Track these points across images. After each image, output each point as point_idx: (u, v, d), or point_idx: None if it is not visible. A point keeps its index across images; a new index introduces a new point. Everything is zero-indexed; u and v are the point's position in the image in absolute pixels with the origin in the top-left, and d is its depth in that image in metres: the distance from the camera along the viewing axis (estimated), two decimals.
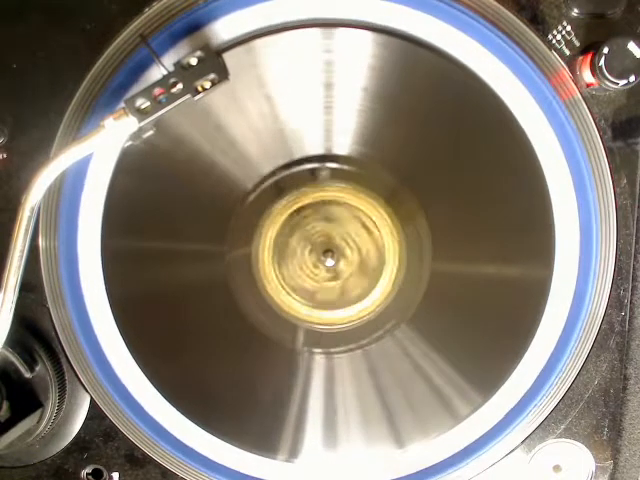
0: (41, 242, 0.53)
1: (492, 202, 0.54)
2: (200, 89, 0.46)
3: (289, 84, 0.52)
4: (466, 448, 0.56)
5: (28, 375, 0.52)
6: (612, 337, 0.54)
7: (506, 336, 0.55)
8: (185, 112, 0.49)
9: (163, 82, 0.45)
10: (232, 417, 0.55)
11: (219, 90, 0.48)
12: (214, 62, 0.46)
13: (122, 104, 0.46)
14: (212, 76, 0.45)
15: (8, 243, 0.47)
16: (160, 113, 0.46)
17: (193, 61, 0.46)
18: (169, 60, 0.49)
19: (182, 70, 0.46)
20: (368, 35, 0.52)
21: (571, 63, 0.52)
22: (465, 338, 0.55)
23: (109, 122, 0.45)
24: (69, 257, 0.53)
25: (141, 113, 0.45)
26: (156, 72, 0.49)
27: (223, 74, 0.46)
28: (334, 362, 0.55)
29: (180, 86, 0.46)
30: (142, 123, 0.45)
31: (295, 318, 0.56)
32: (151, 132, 0.50)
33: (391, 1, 0.52)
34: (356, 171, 0.54)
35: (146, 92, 0.46)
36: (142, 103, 0.46)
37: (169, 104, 0.45)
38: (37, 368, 0.52)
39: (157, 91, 0.46)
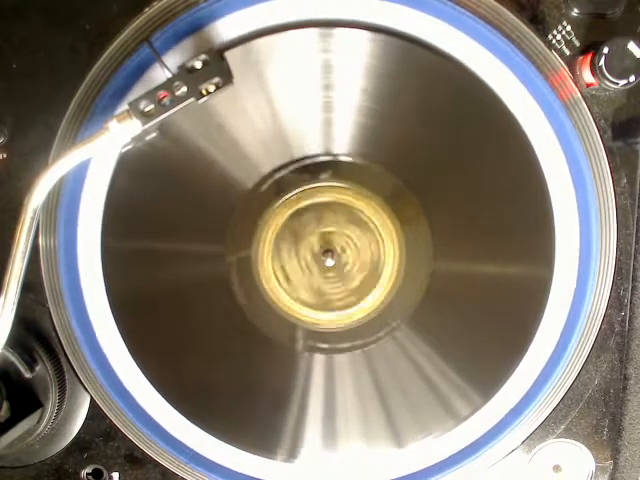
0: (41, 241, 0.56)
1: (492, 202, 0.57)
2: (204, 92, 0.49)
3: (289, 84, 0.55)
4: (466, 448, 0.59)
5: (28, 375, 0.55)
6: (612, 337, 0.57)
7: (506, 336, 0.58)
8: (185, 112, 0.51)
9: (167, 85, 0.49)
10: (232, 417, 0.58)
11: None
12: (219, 66, 0.49)
13: (126, 106, 0.49)
14: (216, 80, 0.49)
15: (9, 243, 0.50)
16: (164, 116, 0.49)
17: (197, 64, 0.49)
18: (169, 60, 0.53)
19: (186, 73, 0.49)
20: (368, 35, 0.55)
21: (571, 63, 0.55)
22: (465, 338, 0.58)
23: (113, 124, 0.49)
24: (69, 257, 0.57)
25: (145, 116, 0.49)
26: (156, 73, 0.53)
27: (227, 78, 0.49)
28: (334, 362, 0.58)
29: (184, 89, 0.49)
30: (146, 126, 0.49)
31: (295, 318, 0.59)
32: (154, 134, 0.53)
33: (390, 1, 0.55)
34: (356, 171, 0.57)
35: (150, 95, 0.49)
36: (146, 106, 0.49)
37: (173, 107, 0.49)
38: (37, 368, 0.56)
39: (161, 94, 0.49)
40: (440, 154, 0.57)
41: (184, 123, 0.55)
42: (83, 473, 0.59)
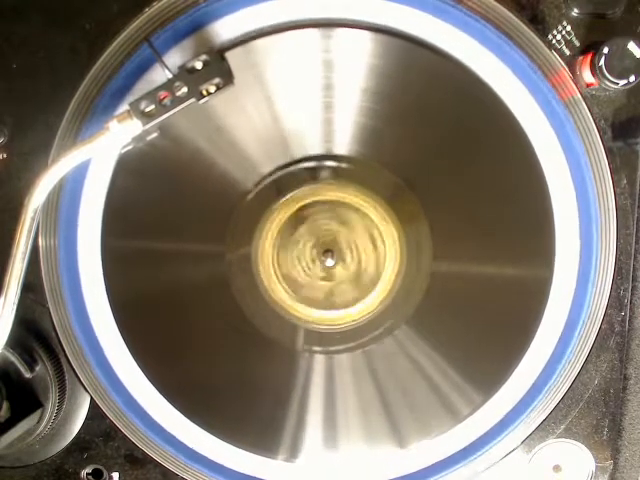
0: (41, 241, 0.56)
1: (492, 202, 0.58)
2: (205, 93, 0.49)
3: (289, 84, 0.56)
4: (466, 448, 0.60)
5: (28, 375, 0.56)
6: (612, 337, 0.58)
7: (506, 336, 0.58)
8: (185, 112, 0.52)
9: (168, 85, 0.49)
10: (232, 417, 0.59)
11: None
12: (219, 66, 0.49)
13: (126, 107, 0.50)
14: (217, 80, 0.49)
15: (9, 243, 0.50)
16: (164, 116, 0.49)
17: (198, 65, 0.49)
18: (169, 60, 0.53)
19: (187, 74, 0.49)
20: (368, 35, 0.55)
21: (571, 63, 0.55)
22: (465, 338, 0.58)
23: (113, 124, 0.49)
24: (69, 257, 0.57)
25: (145, 116, 0.49)
26: (156, 73, 0.54)
27: (228, 78, 0.49)
28: (334, 362, 0.59)
29: (185, 90, 0.49)
30: (146, 126, 0.49)
31: (295, 318, 0.59)
32: (154, 135, 0.54)
33: (391, 1, 0.55)
34: (356, 171, 0.58)
35: (151, 95, 0.49)
36: (146, 106, 0.49)
37: (173, 107, 0.49)
38: (37, 368, 0.56)
39: (162, 94, 0.49)
40: (440, 154, 0.58)
41: (184, 123, 0.55)
42: (83, 473, 0.60)
